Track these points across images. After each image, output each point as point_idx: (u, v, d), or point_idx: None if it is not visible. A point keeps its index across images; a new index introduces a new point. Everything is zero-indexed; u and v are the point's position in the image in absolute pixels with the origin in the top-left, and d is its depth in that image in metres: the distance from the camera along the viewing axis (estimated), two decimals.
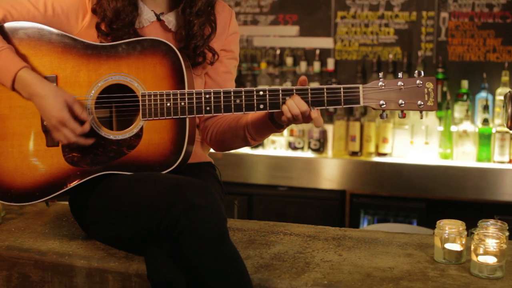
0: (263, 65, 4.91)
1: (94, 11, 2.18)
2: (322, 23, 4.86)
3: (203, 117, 2.36)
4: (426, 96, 2.01)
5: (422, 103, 2.01)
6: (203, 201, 1.82)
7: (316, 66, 4.80)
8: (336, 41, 4.84)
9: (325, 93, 2.01)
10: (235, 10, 4.98)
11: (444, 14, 4.60)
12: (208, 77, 2.33)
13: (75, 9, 2.19)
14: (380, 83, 2.02)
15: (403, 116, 2.04)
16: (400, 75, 2.04)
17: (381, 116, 2.04)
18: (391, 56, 4.68)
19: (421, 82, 2.01)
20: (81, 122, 2.05)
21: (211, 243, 1.79)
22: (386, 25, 4.74)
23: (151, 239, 1.87)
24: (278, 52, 4.93)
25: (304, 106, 2.00)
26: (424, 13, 4.64)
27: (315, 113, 2.01)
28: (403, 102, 2.01)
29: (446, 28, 4.60)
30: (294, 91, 2.02)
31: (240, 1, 5.00)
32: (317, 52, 4.82)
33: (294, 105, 2.00)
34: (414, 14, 4.66)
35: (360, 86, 2.02)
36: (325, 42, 4.85)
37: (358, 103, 2.02)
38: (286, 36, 4.94)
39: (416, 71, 2.02)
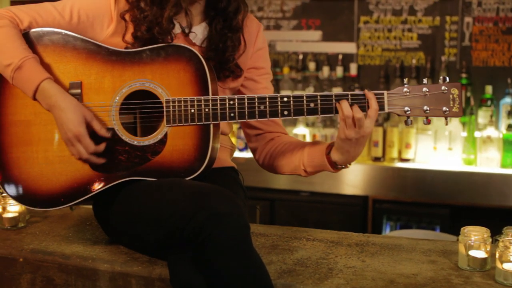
0: (286, 70, 4.91)
1: (122, 17, 2.18)
2: (345, 28, 4.85)
3: (249, 136, 2.37)
4: (451, 102, 2.00)
5: (447, 109, 2.00)
6: (227, 208, 1.82)
7: (339, 71, 4.79)
8: (359, 46, 4.83)
9: (350, 100, 2.01)
10: (258, 15, 4.99)
11: (468, 19, 4.57)
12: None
13: (100, 17, 2.19)
14: (405, 89, 2.01)
15: (428, 122, 2.03)
16: (425, 81, 2.03)
17: (406, 123, 2.04)
18: (414, 61, 4.66)
19: (446, 88, 2.00)
20: (96, 142, 2.06)
21: (234, 251, 1.78)
22: (409, 30, 4.72)
23: (174, 245, 1.88)
24: (300, 57, 4.93)
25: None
26: (447, 18, 4.61)
27: (369, 94, 2.01)
28: (428, 108, 2.01)
29: (470, 33, 4.58)
30: (319, 97, 2.02)
31: (263, 6, 5.00)
32: (340, 57, 4.81)
33: (347, 103, 2.00)
34: (437, 19, 4.64)
35: (385, 92, 2.01)
36: (348, 47, 4.85)
37: (383, 109, 2.01)
38: (308, 41, 4.94)
39: (441, 77, 2.01)
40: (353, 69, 4.79)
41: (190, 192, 1.88)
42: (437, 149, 4.34)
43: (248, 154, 4.47)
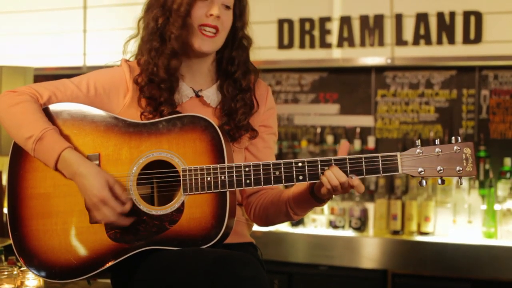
0: (304, 143, 4.93)
1: (136, 81, 2.25)
2: (362, 101, 4.88)
3: (245, 193, 2.38)
4: (464, 161, 2.02)
5: (461, 168, 2.02)
6: (248, 273, 1.85)
7: (357, 144, 4.80)
8: (376, 119, 4.85)
9: (363, 162, 2.03)
10: (276, 89, 5.04)
11: (485, 92, 4.59)
12: (249, 153, 2.36)
13: (116, 88, 2.27)
14: (418, 150, 2.04)
15: (443, 183, 2.04)
16: (437, 141, 2.05)
17: (420, 184, 2.06)
18: (432, 134, 4.67)
19: (459, 148, 2.02)
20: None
21: None
22: (427, 103, 4.74)
23: None
24: (318, 130, 4.95)
25: (343, 177, 2.02)
26: (464, 91, 4.64)
27: (356, 180, 2.03)
28: (441, 169, 2.02)
29: (487, 106, 4.59)
30: (333, 161, 2.05)
31: (281, 80, 5.06)
32: (358, 130, 4.83)
33: (333, 176, 2.02)
34: (454, 92, 4.66)
35: (398, 154, 2.04)
36: (366, 120, 4.87)
37: (397, 171, 2.04)
38: (326, 114, 4.97)
39: (453, 137, 2.04)
40: (371, 142, 4.79)
41: (211, 258, 1.91)
42: (456, 222, 4.29)
43: (266, 228, 4.44)
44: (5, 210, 3.58)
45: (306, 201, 2.17)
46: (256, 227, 2.46)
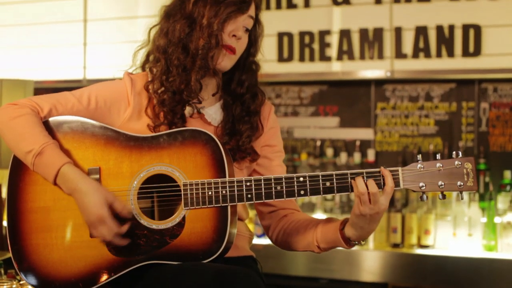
0: (304, 156, 4.93)
1: (147, 89, 2.25)
2: (362, 114, 4.89)
3: (262, 213, 2.39)
4: (465, 176, 2.03)
5: (462, 183, 2.03)
6: None
7: (357, 157, 4.80)
8: (376, 132, 4.86)
9: (365, 177, 2.03)
10: (275, 102, 5.05)
11: (484, 105, 4.60)
12: (258, 174, 2.36)
13: (117, 102, 2.26)
14: (419, 166, 2.05)
15: (444, 197, 2.05)
16: (438, 156, 2.06)
17: (421, 198, 2.07)
18: (431, 147, 4.67)
19: (460, 163, 2.04)
20: (121, 221, 2.07)
21: None
22: (426, 116, 4.75)
23: None
24: (318, 143, 4.96)
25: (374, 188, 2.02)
26: (464, 104, 4.64)
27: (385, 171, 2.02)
28: (443, 184, 2.03)
29: (487, 119, 4.59)
30: (334, 176, 2.05)
31: (280, 93, 5.07)
32: (357, 143, 4.83)
33: (363, 183, 2.02)
34: (454, 105, 4.67)
35: (399, 169, 2.05)
36: (365, 133, 4.87)
37: (398, 186, 2.04)
38: (326, 127, 4.98)
39: (454, 152, 2.05)
40: (371, 155, 4.79)
41: (213, 274, 1.91)
42: (456, 235, 4.29)
43: (266, 241, 4.43)
44: (5, 223, 3.58)
45: (334, 237, 2.16)
46: (256, 241, 2.46)
